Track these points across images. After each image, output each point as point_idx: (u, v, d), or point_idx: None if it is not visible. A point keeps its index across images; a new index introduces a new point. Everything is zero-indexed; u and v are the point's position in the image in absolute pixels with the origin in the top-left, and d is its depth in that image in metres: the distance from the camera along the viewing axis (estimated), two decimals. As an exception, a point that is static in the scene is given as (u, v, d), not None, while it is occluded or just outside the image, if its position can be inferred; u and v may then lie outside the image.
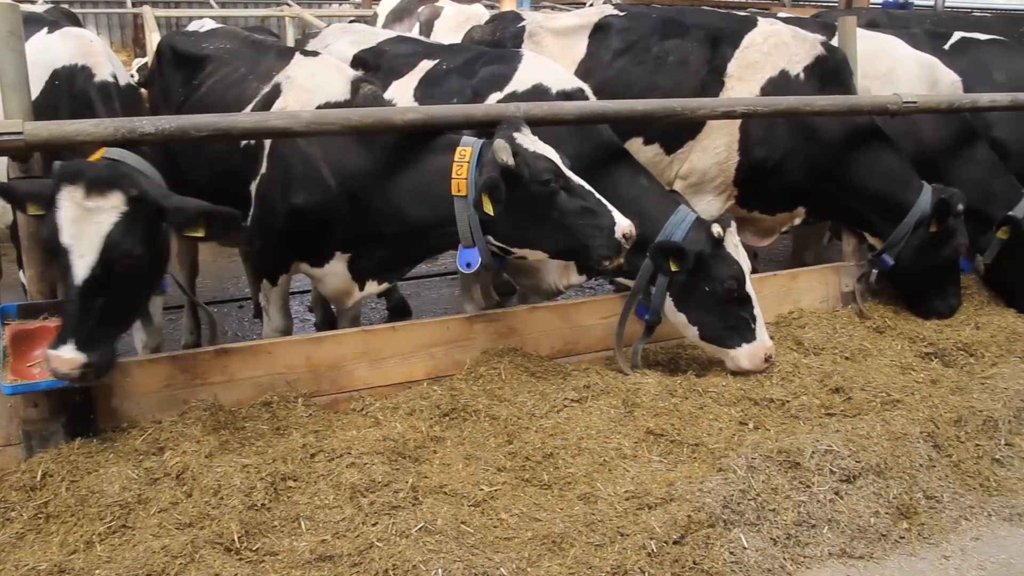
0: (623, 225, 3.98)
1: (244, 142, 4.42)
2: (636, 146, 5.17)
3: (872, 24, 7.53)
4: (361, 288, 4.58)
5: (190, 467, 3.50)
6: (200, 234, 3.60)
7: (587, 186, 4.05)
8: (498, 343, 4.53)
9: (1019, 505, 3.88)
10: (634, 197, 4.58)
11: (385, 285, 4.67)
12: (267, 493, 3.43)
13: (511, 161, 3.88)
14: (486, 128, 4.25)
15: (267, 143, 4.38)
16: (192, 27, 5.77)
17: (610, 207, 4.03)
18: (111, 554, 3.12)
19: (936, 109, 5.40)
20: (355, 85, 4.45)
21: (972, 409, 4.29)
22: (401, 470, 3.62)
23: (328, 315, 5.85)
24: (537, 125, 4.21)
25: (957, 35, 6.71)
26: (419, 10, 8.53)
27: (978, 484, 3.98)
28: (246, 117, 3.96)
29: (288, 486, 3.52)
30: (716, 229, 4.40)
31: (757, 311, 4.49)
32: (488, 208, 3.92)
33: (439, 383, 4.31)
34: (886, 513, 3.66)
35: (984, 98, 5.52)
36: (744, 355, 4.49)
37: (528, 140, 4.01)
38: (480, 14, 7.49)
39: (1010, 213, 5.43)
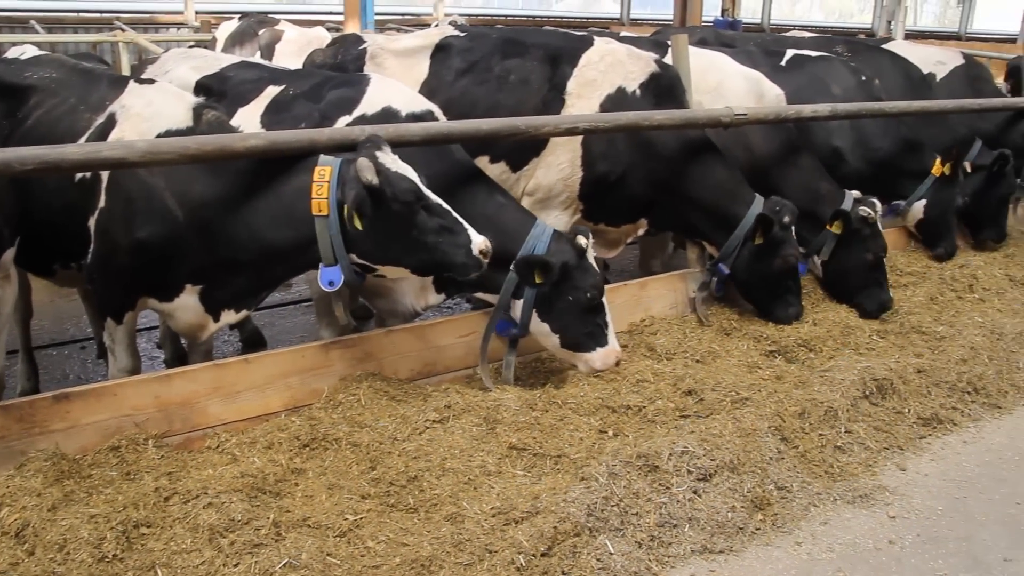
0: (478, 242, 4.06)
1: (79, 176, 4.21)
2: (483, 164, 5.22)
3: (702, 42, 7.91)
4: (216, 319, 4.43)
5: (31, 523, 3.28)
6: None
7: (445, 205, 4.10)
8: (356, 368, 4.47)
9: (860, 488, 4.12)
10: (493, 214, 4.68)
11: (244, 313, 4.54)
12: (119, 543, 3.25)
13: (375, 180, 3.88)
14: (332, 153, 4.21)
15: (104, 175, 4.18)
16: (11, 54, 5.42)
17: (466, 225, 4.09)
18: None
19: (765, 120, 5.71)
20: (197, 112, 4.31)
21: (814, 401, 4.53)
22: (262, 506, 3.51)
23: (179, 351, 5.62)
24: (384, 147, 4.21)
25: (790, 52, 7.14)
26: (260, 33, 8.38)
27: (823, 471, 4.20)
28: (76, 148, 3.76)
29: (142, 533, 3.35)
30: (581, 240, 4.58)
31: (608, 316, 4.68)
32: (357, 223, 3.93)
33: (297, 414, 4.22)
34: (742, 507, 3.81)
35: (807, 109, 5.87)
36: (599, 358, 4.68)
37: (389, 159, 4.02)
38: (322, 37, 7.43)
39: (841, 208, 5.79)
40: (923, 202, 6.78)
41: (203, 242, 4.16)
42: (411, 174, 4.05)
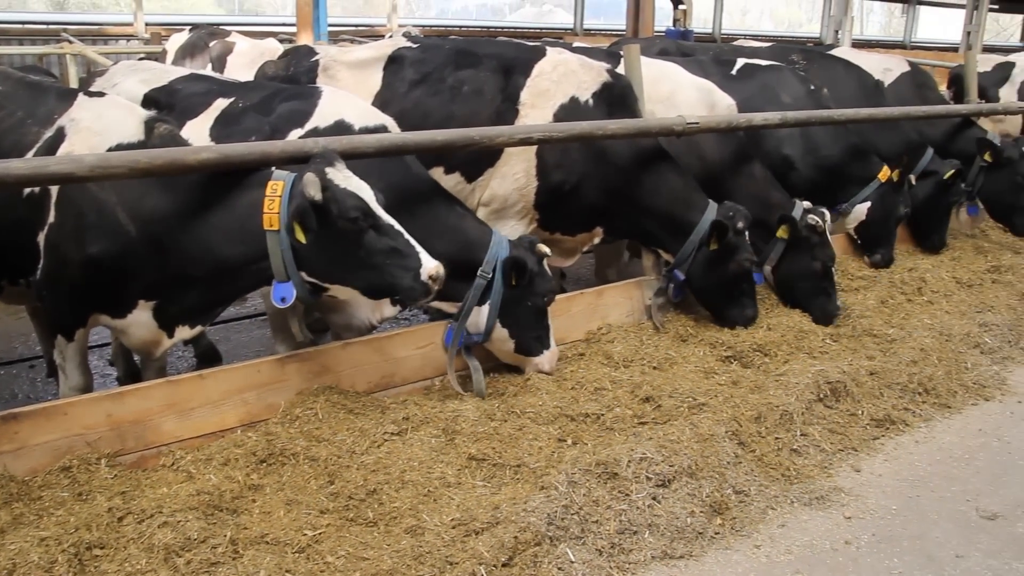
0: (429, 267, 3.99)
1: (28, 190, 4.13)
2: (437, 176, 5.22)
3: (663, 53, 8.00)
4: (171, 335, 4.35)
5: (-22, 549, 3.21)
6: None
7: (397, 226, 4.03)
8: (313, 382, 4.43)
9: (817, 490, 4.17)
10: (454, 224, 4.73)
11: (198, 329, 4.47)
12: (70, 566, 3.19)
13: (319, 196, 3.83)
14: (285, 166, 4.18)
15: (54, 190, 4.10)
16: (-44, 68, 5.32)
17: (418, 249, 4.03)
18: None
19: (716, 129, 5.77)
20: (149, 126, 4.25)
21: (770, 405, 4.60)
22: (218, 524, 3.46)
23: (132, 368, 5.52)
24: (337, 159, 4.19)
25: (741, 62, 7.24)
26: (211, 45, 8.30)
27: (780, 475, 4.25)
28: (22, 163, 3.69)
29: (95, 555, 3.29)
30: (542, 247, 4.70)
31: (549, 320, 4.84)
32: (300, 236, 3.89)
33: (254, 429, 4.17)
34: (701, 512, 3.84)
35: (757, 117, 5.95)
36: (546, 360, 4.85)
37: (340, 175, 3.96)
38: (274, 49, 7.38)
39: (786, 213, 5.88)
40: (867, 205, 6.87)
41: (156, 257, 4.09)
42: (363, 191, 3.99)
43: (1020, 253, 7.71)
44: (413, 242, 4.03)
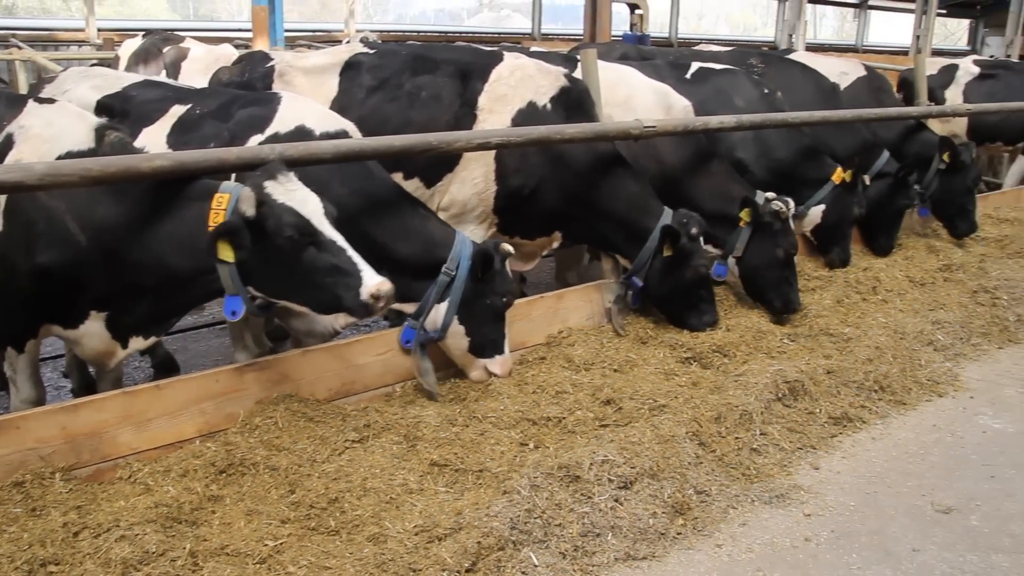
0: (371, 285, 3.85)
1: (-25, 200, 4.05)
2: (396, 181, 5.20)
3: (625, 58, 8.05)
4: (124, 346, 4.29)
5: (-72, 567, 3.13)
6: None
7: (340, 242, 3.91)
8: (272, 391, 4.39)
9: (776, 488, 4.22)
10: (418, 227, 4.76)
11: (152, 339, 4.40)
12: (24, 583, 3.13)
13: (251, 212, 3.76)
14: (242, 172, 4.14)
15: (2, 199, 4.03)
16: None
17: (361, 266, 3.89)
18: None
19: (673, 132, 5.82)
20: (100, 133, 4.17)
21: (729, 405, 4.64)
22: (178, 536, 3.41)
23: (86, 379, 5.44)
24: (295, 166, 4.13)
25: (695, 65, 7.31)
26: (165, 51, 8.18)
27: (740, 474, 4.29)
28: (-31, 172, 3.62)
29: (49, 572, 3.22)
30: (506, 247, 4.73)
31: (506, 326, 4.85)
32: (227, 255, 3.79)
33: (213, 439, 4.12)
34: (663, 513, 3.86)
35: (713, 120, 6.01)
36: (498, 364, 4.85)
37: (281, 189, 3.84)
38: (229, 55, 7.28)
39: (746, 195, 5.95)
40: (822, 207, 6.97)
41: (107, 267, 4.03)
42: (307, 205, 3.86)
43: (971, 252, 7.87)
44: (356, 259, 3.90)
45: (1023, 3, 25.21)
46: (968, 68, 10.85)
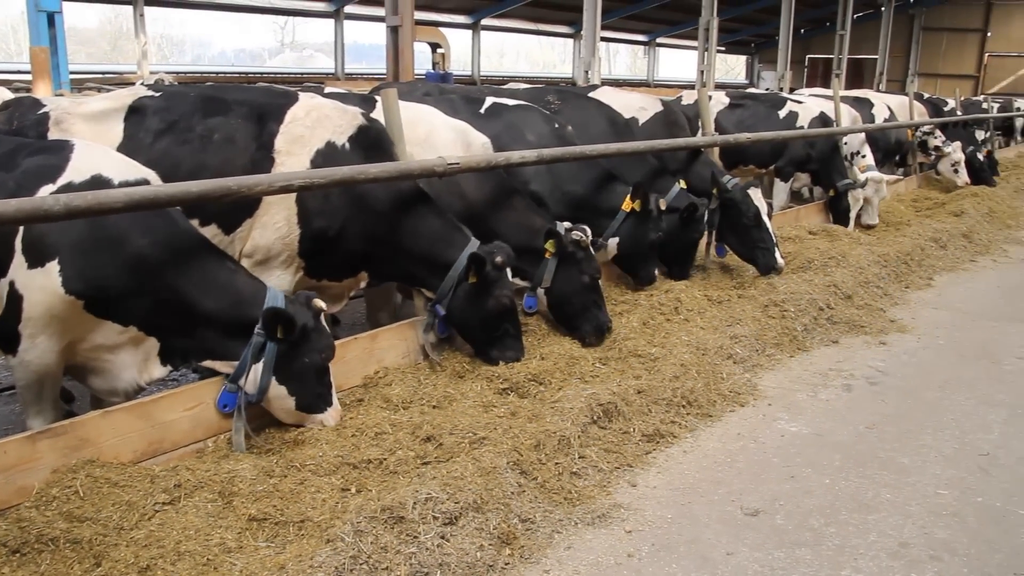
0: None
1: None
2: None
3: (428, 96, 8.09)
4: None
5: None
6: None
7: None
8: (71, 458, 4.05)
9: (598, 509, 4.32)
10: (225, 281, 4.54)
11: None
12: None
13: None
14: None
15: None
16: None
17: None
18: None
19: (477, 168, 5.89)
20: None
21: (547, 432, 4.70)
22: (-40, 632, 3.09)
23: None
24: (81, 216, 3.88)
25: (489, 100, 7.45)
26: (-76, 101, 7.52)
27: (563, 498, 4.36)
28: None
29: None
30: (318, 303, 4.58)
31: (331, 377, 4.74)
32: None
33: (3, 517, 3.75)
34: (490, 545, 3.85)
35: (515, 155, 6.14)
36: (330, 418, 4.74)
37: None
38: (3, 99, 6.76)
39: (550, 227, 6.08)
40: (616, 240, 7.21)
41: None
42: None
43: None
44: None
45: (789, 42, 27.95)
46: (720, 99, 11.95)
